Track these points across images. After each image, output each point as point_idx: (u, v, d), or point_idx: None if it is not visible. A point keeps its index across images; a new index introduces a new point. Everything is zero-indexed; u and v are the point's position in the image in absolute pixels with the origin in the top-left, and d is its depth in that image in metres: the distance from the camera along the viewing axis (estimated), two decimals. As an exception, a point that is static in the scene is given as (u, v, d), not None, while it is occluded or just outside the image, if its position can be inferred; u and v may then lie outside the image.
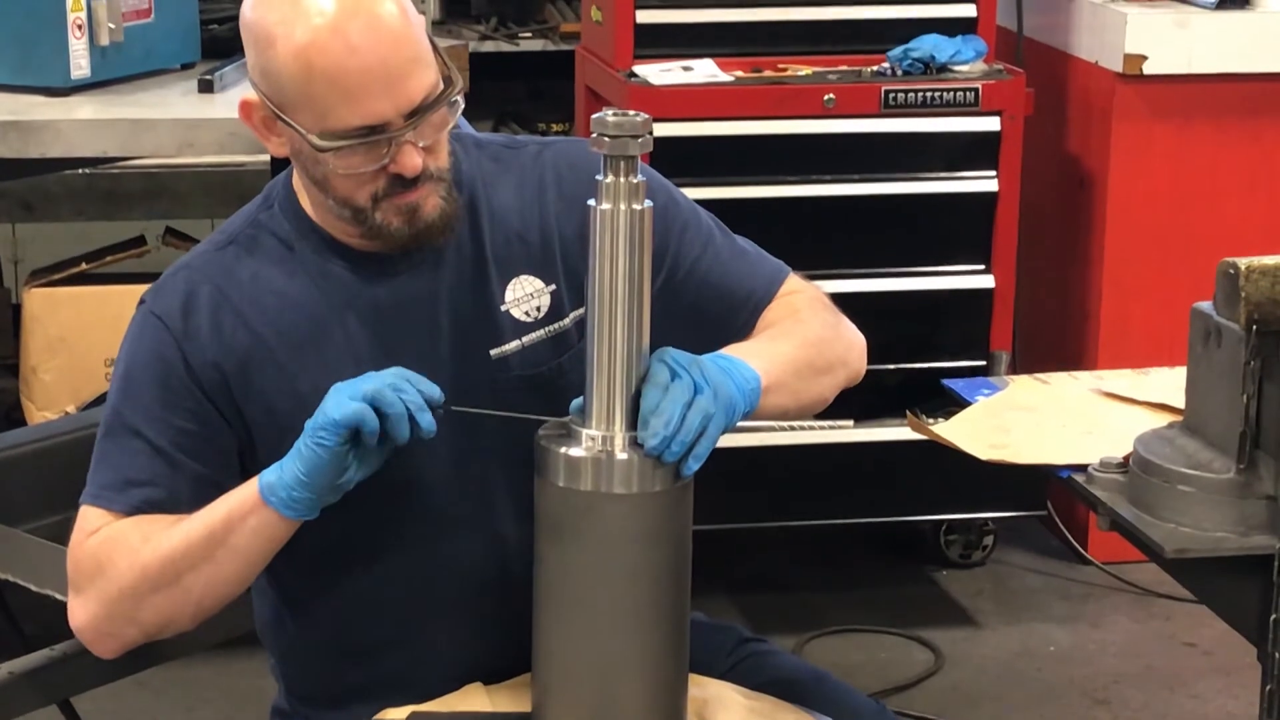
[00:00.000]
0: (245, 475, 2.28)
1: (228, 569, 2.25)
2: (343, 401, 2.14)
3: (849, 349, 2.45)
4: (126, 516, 2.28)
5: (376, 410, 2.14)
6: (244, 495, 2.22)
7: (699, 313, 2.38)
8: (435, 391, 2.18)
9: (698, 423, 2.12)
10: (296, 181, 2.35)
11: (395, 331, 2.32)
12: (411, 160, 2.22)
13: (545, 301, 2.36)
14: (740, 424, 2.23)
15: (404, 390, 2.15)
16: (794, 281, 2.47)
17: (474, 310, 2.34)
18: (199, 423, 2.29)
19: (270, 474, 2.20)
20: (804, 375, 2.35)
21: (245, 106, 2.28)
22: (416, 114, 2.21)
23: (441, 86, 2.24)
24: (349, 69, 2.16)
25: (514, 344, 2.35)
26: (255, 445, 2.31)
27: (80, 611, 2.30)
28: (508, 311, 2.35)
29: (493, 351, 2.34)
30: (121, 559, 2.25)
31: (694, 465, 2.13)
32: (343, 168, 2.22)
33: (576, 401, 2.18)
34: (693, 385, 2.14)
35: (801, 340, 2.37)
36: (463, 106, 2.28)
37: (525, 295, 2.35)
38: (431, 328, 2.33)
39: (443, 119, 2.25)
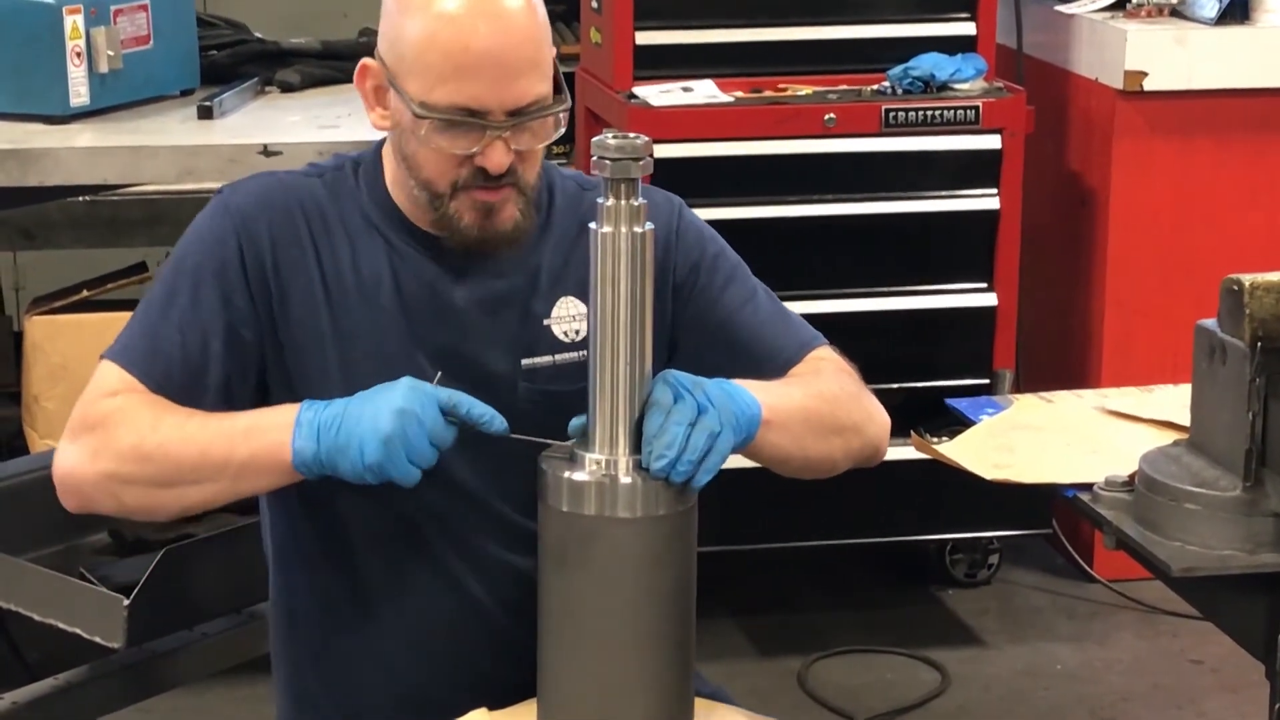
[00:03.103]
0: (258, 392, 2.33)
1: (223, 496, 2.26)
2: (405, 467, 2.15)
3: (868, 419, 2.44)
4: (146, 386, 2.28)
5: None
6: (271, 445, 2.21)
7: (725, 364, 2.37)
8: (498, 424, 2.19)
9: (703, 442, 2.12)
10: (386, 153, 2.40)
11: (439, 320, 2.35)
12: (499, 157, 2.26)
13: (585, 327, 2.37)
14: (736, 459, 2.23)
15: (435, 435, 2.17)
16: (826, 350, 2.47)
17: (518, 317, 2.38)
18: (241, 320, 2.32)
19: (307, 448, 2.18)
20: (812, 426, 2.34)
21: (363, 70, 2.36)
22: (518, 115, 2.26)
23: (550, 103, 2.29)
24: (468, 48, 2.23)
25: (546, 358, 2.37)
26: (268, 366, 2.34)
27: (70, 461, 2.28)
28: (549, 327, 2.38)
29: (524, 361, 2.36)
30: (128, 437, 2.24)
31: (704, 478, 2.13)
32: (434, 143, 2.27)
33: (578, 421, 2.17)
34: (696, 406, 2.14)
35: (816, 393, 2.37)
36: (564, 129, 2.32)
37: (569, 316, 2.39)
38: (474, 325, 2.36)
39: (543, 132, 2.30)
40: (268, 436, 2.22)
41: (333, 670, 2.45)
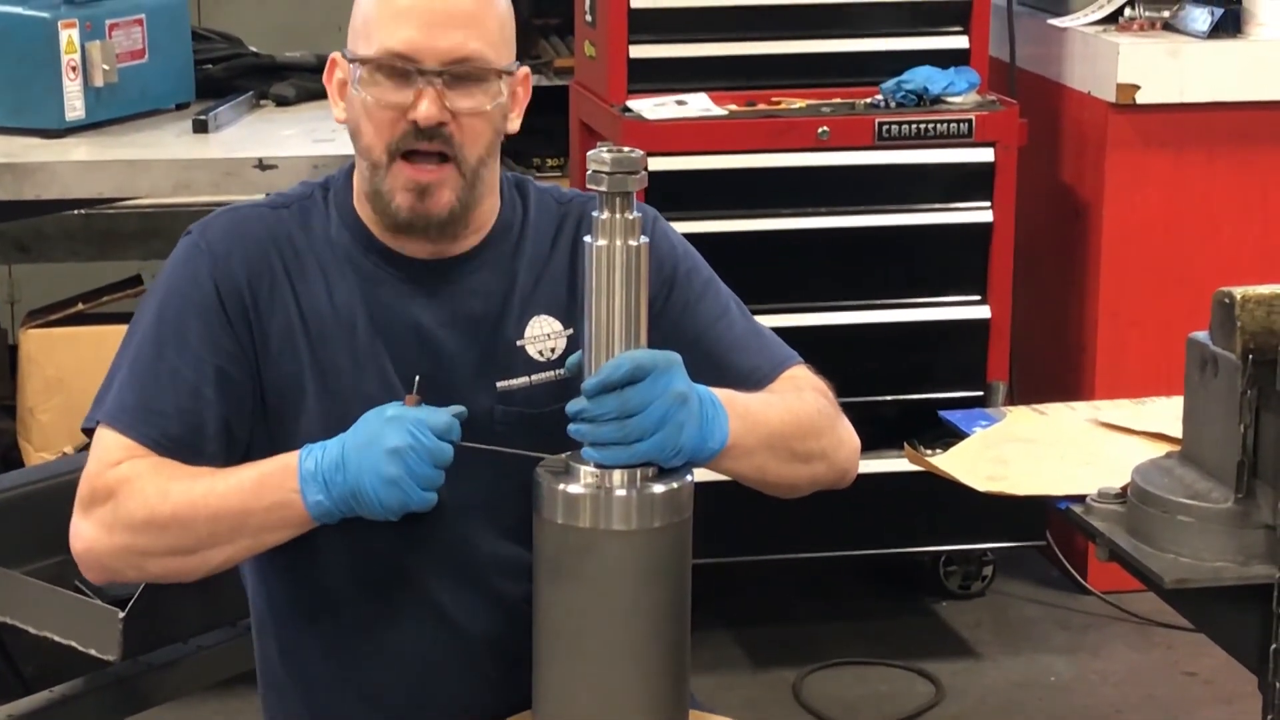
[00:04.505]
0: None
1: (245, 553, 2.27)
2: (421, 497, 2.17)
3: (838, 444, 2.42)
4: (146, 448, 2.26)
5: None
6: (285, 499, 2.20)
7: (699, 381, 2.35)
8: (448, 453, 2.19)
9: (642, 423, 2.12)
10: (356, 175, 2.39)
11: (413, 343, 2.35)
12: (431, 110, 2.26)
13: (561, 345, 2.38)
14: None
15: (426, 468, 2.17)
16: (802, 369, 2.45)
17: (491, 340, 2.37)
18: (229, 360, 2.31)
19: (320, 503, 2.18)
20: (778, 452, 2.33)
21: (330, 65, 2.39)
22: (454, 67, 2.27)
23: (493, 70, 2.30)
24: None
25: (522, 380, 2.36)
26: (254, 401, 2.33)
27: (87, 536, 2.27)
28: (523, 348, 2.37)
29: (500, 384, 2.35)
30: (139, 509, 2.23)
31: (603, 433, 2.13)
32: (370, 93, 2.27)
33: (575, 427, 2.16)
34: (672, 391, 2.14)
35: (793, 418, 2.35)
36: (503, 98, 2.31)
37: (543, 335, 2.38)
38: (446, 349, 2.35)
39: (478, 97, 2.29)
40: (278, 493, 2.21)
41: (316, 702, 2.43)
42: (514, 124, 2.38)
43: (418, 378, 2.26)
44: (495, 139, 2.34)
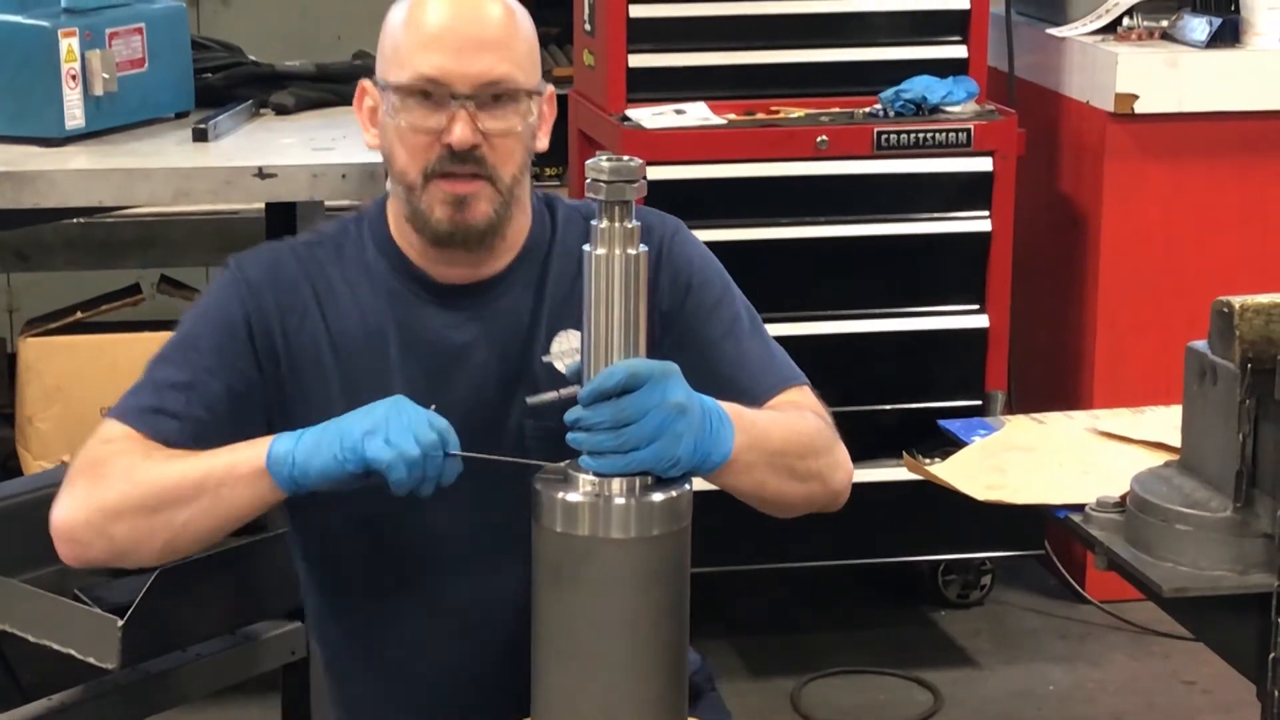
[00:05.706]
0: None
1: (207, 517, 2.26)
2: (381, 447, 2.16)
3: (835, 467, 2.42)
4: (146, 438, 2.30)
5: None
6: (249, 454, 2.23)
7: (702, 393, 2.36)
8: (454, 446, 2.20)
9: (637, 429, 2.11)
10: (390, 203, 2.43)
11: (445, 365, 2.38)
12: (464, 133, 2.29)
13: None
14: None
15: (430, 457, 2.17)
16: (803, 392, 2.45)
17: (520, 355, 2.39)
18: (246, 384, 2.35)
19: (282, 446, 2.21)
20: (777, 468, 2.33)
21: (360, 91, 2.44)
22: (486, 90, 2.30)
23: (523, 91, 2.33)
24: (438, 22, 2.31)
25: (551, 395, 2.36)
26: (274, 427, 2.34)
27: (63, 507, 2.30)
28: (549, 363, 2.40)
29: (530, 399, 2.36)
30: (117, 472, 2.27)
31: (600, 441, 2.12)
32: (403, 119, 2.31)
33: (572, 435, 2.16)
34: (672, 400, 2.13)
35: (795, 436, 2.36)
36: (534, 121, 2.35)
37: (570, 349, 2.39)
38: (480, 367, 2.38)
39: (510, 118, 2.32)
40: (247, 447, 2.24)
41: (349, 700, 2.50)
42: (542, 143, 2.42)
43: (432, 406, 2.25)
44: (527, 158, 2.38)
